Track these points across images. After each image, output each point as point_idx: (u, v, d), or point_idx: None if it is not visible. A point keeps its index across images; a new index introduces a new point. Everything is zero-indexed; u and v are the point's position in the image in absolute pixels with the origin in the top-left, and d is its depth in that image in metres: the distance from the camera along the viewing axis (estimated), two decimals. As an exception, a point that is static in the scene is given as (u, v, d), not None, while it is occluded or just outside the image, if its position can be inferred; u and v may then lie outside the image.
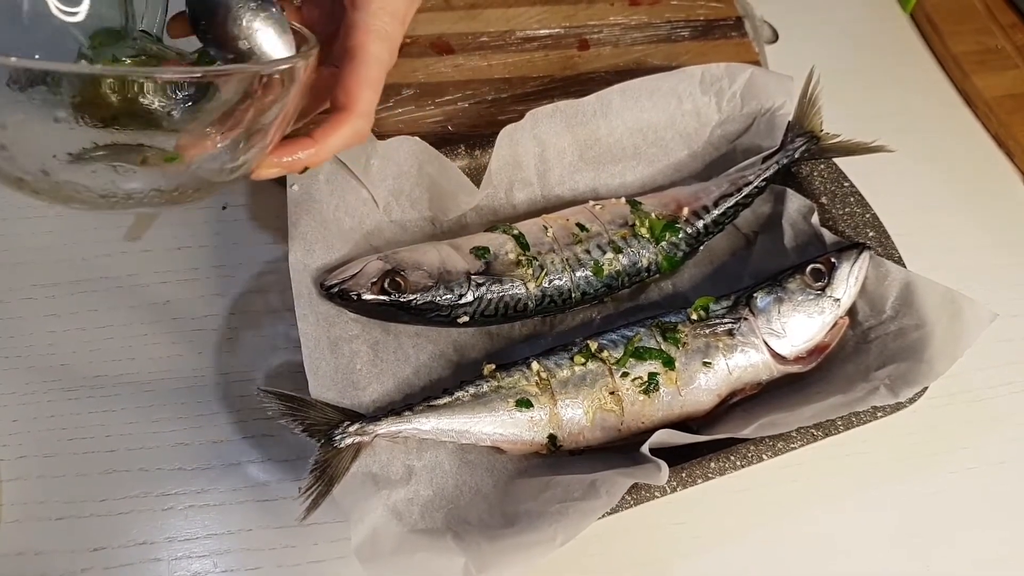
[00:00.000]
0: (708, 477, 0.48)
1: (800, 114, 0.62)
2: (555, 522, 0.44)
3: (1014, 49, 0.83)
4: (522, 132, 0.61)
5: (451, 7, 0.78)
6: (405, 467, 0.50)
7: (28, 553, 0.51)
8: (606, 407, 0.51)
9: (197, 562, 0.51)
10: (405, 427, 0.49)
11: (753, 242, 0.63)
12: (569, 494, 0.46)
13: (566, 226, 0.58)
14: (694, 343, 0.53)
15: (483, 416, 0.50)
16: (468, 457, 0.52)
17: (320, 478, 0.46)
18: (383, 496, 0.47)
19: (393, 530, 0.46)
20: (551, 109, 0.61)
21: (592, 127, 0.63)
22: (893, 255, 0.58)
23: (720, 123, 0.65)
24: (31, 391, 0.56)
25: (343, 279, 0.53)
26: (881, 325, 0.54)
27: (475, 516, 0.48)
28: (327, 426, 0.48)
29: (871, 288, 0.55)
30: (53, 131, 0.32)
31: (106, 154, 0.34)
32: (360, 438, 0.48)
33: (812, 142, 0.61)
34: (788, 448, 0.50)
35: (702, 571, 0.54)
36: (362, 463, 0.49)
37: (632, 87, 0.63)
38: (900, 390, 0.49)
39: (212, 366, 0.58)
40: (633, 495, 0.47)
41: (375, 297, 0.53)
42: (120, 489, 0.53)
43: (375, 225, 0.59)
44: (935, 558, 0.55)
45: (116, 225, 0.63)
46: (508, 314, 0.56)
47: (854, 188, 0.61)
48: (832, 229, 0.59)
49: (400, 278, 0.53)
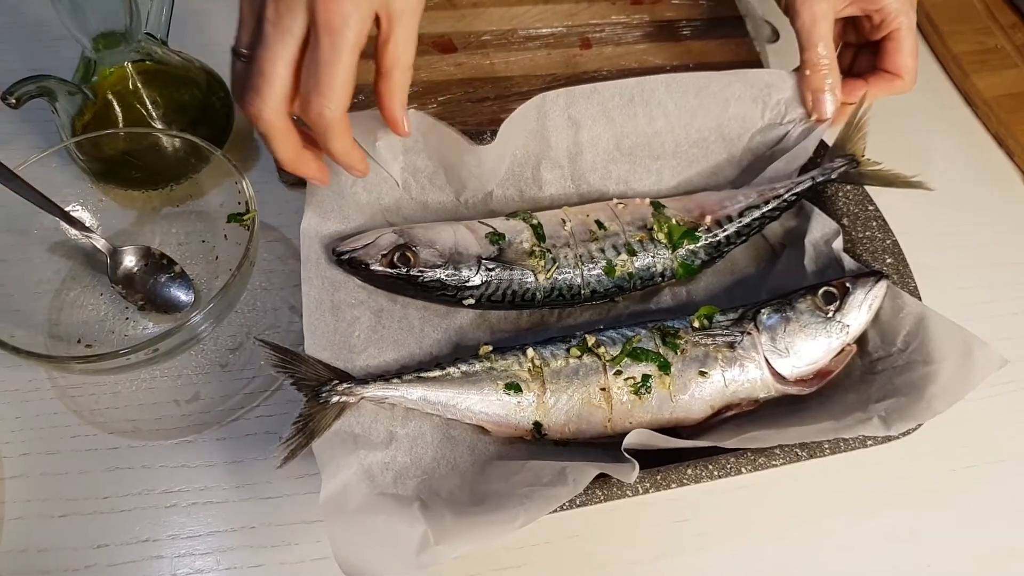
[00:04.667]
0: (683, 483, 0.48)
1: (844, 135, 0.60)
2: (519, 504, 0.45)
3: (1014, 49, 0.83)
4: (553, 107, 0.59)
5: (454, 6, 0.78)
6: (387, 432, 0.50)
7: (31, 550, 0.51)
8: (595, 403, 0.51)
9: (200, 559, 0.51)
10: (392, 394, 0.50)
11: (780, 255, 0.62)
12: (539, 479, 0.47)
13: (585, 222, 0.58)
14: (693, 351, 0.52)
15: (471, 394, 0.51)
16: (452, 433, 0.52)
17: (302, 430, 0.47)
18: (360, 456, 0.48)
19: (363, 490, 0.46)
20: (589, 89, 0.59)
21: (630, 113, 0.61)
22: (909, 284, 0.56)
23: (761, 130, 0.63)
24: (34, 388, 0.56)
25: (355, 247, 0.53)
26: (890, 358, 0.52)
27: (446, 490, 0.49)
28: (316, 382, 0.49)
29: (885, 319, 0.53)
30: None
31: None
32: (346, 398, 0.49)
33: (851, 165, 0.60)
34: (769, 464, 0.49)
35: (705, 567, 0.54)
36: (345, 422, 0.49)
37: (678, 80, 0.61)
38: (893, 424, 0.47)
39: (215, 363, 0.58)
40: (604, 491, 0.47)
41: (383, 269, 0.53)
42: (123, 486, 0.53)
43: (393, 202, 0.59)
44: (936, 555, 0.55)
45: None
46: (515, 302, 0.56)
47: (878, 212, 0.59)
48: (850, 252, 0.58)
49: (410, 253, 0.54)
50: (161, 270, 0.59)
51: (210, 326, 0.52)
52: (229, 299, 0.52)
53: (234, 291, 0.52)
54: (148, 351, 0.49)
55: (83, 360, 0.47)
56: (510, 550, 0.53)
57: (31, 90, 0.53)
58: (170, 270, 0.59)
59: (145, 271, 0.58)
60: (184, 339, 0.51)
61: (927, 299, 0.55)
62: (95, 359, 0.47)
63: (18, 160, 0.54)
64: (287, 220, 0.64)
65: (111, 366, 0.49)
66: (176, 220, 0.62)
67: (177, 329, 0.49)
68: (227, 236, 0.60)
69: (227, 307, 0.54)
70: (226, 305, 0.53)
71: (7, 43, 0.75)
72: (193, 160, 0.60)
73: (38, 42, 0.75)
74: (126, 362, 0.49)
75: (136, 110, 0.61)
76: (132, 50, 0.59)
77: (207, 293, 0.59)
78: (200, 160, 0.60)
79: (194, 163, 0.60)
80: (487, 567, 0.52)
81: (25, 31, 0.75)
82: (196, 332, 0.52)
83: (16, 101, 0.52)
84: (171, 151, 0.59)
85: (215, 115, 0.65)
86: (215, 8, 0.76)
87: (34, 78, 0.54)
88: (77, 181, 0.59)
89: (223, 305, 0.52)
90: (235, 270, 0.51)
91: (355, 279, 0.55)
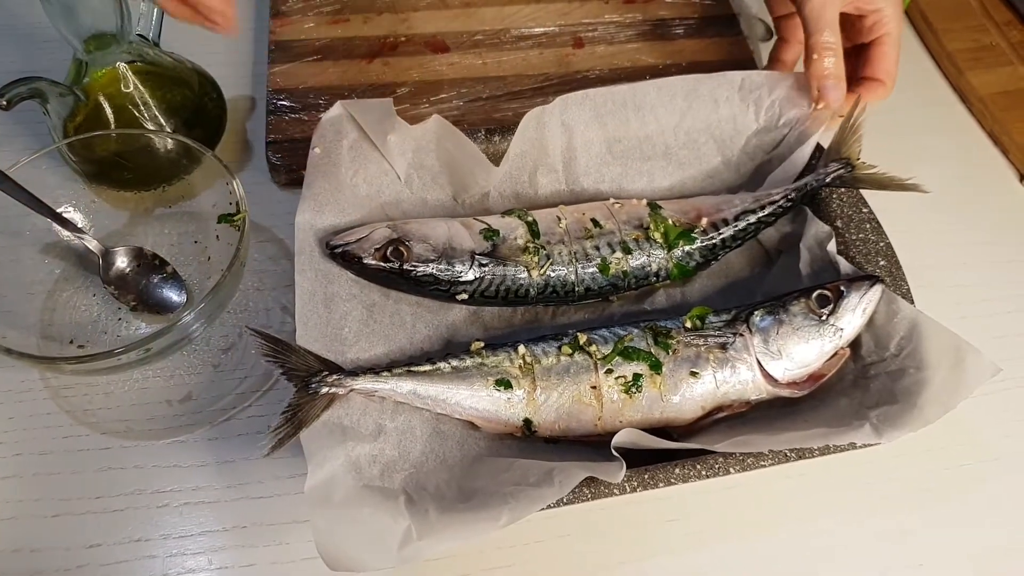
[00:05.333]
0: (670, 482, 0.48)
1: (839, 139, 0.60)
2: (504, 503, 0.45)
3: (1008, 46, 0.83)
4: (550, 116, 0.60)
5: (446, 5, 0.78)
6: (376, 425, 0.51)
7: (24, 550, 0.51)
8: (585, 401, 0.51)
9: (192, 559, 0.52)
10: (382, 387, 0.50)
11: (775, 260, 0.62)
12: (525, 478, 0.47)
13: (580, 220, 0.58)
14: (685, 351, 0.52)
15: (461, 389, 0.51)
16: (441, 428, 0.52)
17: (290, 420, 0.47)
18: (348, 447, 0.48)
19: (348, 482, 0.47)
20: (581, 96, 0.61)
21: (622, 118, 0.62)
22: (902, 287, 0.56)
23: (757, 132, 0.64)
24: (26, 388, 0.56)
25: (348, 241, 0.54)
26: (883, 362, 0.52)
27: (433, 485, 0.49)
28: (306, 373, 0.49)
29: (879, 324, 0.53)
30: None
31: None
32: (336, 389, 0.49)
33: (846, 169, 0.59)
34: (757, 465, 0.49)
35: (696, 567, 0.54)
36: (334, 413, 0.49)
37: (669, 84, 0.62)
38: (885, 431, 0.47)
39: (207, 363, 0.58)
40: (591, 489, 0.47)
41: (376, 263, 0.54)
42: (115, 486, 0.53)
43: (394, 196, 0.59)
44: (929, 554, 0.55)
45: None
46: (508, 298, 0.56)
47: (872, 215, 0.59)
48: (844, 254, 0.57)
49: (404, 247, 0.54)
50: (153, 271, 0.59)
51: (202, 326, 0.52)
52: (221, 299, 0.52)
53: (225, 291, 0.52)
54: (140, 351, 0.49)
55: (75, 360, 0.48)
56: (501, 549, 0.53)
57: (22, 92, 0.53)
58: (162, 271, 0.59)
59: (137, 272, 0.59)
60: (176, 339, 0.51)
61: (920, 298, 0.55)
62: (87, 359, 0.48)
63: (9, 162, 0.54)
64: (279, 221, 0.65)
65: (103, 366, 0.49)
66: (168, 221, 0.62)
67: (169, 329, 0.49)
68: (219, 237, 0.60)
69: (219, 307, 0.54)
70: (217, 305, 0.53)
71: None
72: (185, 161, 0.60)
73: (30, 44, 0.75)
74: (118, 362, 0.49)
75: (128, 111, 0.61)
76: (124, 51, 0.60)
77: (199, 293, 0.59)
78: (192, 161, 0.60)
79: (186, 164, 0.60)
80: (478, 566, 0.52)
81: (17, 33, 0.76)
82: (188, 332, 0.52)
83: (7, 103, 0.53)
84: (163, 152, 0.60)
85: (207, 116, 0.66)
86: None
87: (25, 80, 0.54)
88: (69, 182, 0.59)
89: (215, 305, 0.52)
90: (226, 270, 0.51)
91: (348, 273, 0.55)
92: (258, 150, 0.70)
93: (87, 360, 0.48)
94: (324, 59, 0.72)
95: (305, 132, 0.66)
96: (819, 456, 0.50)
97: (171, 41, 0.65)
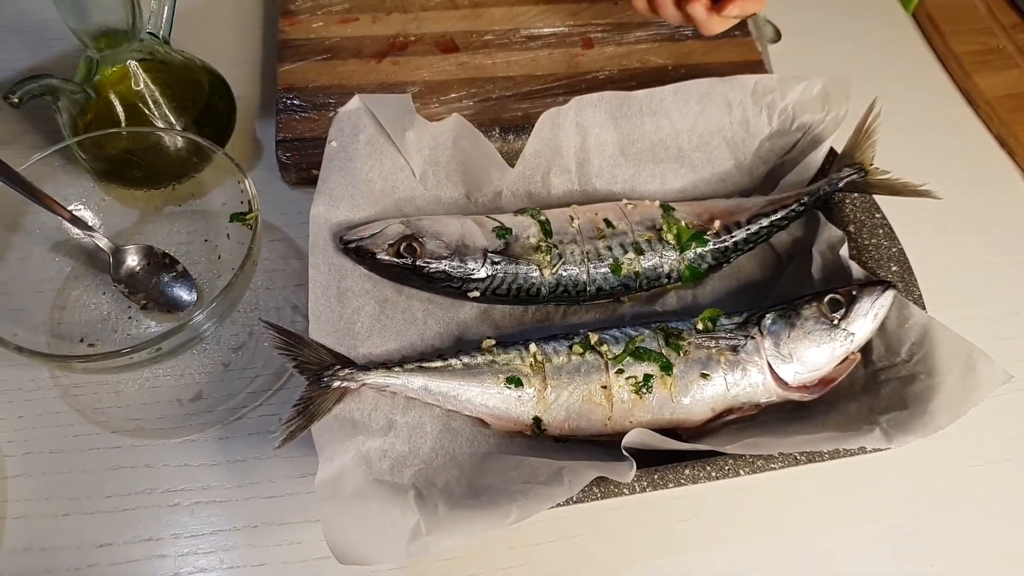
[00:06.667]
0: (680, 483, 0.48)
1: (852, 144, 0.60)
2: (513, 501, 0.45)
3: (1015, 49, 0.83)
4: (565, 117, 0.61)
5: (456, 6, 0.78)
6: (387, 420, 0.51)
7: (34, 549, 0.51)
8: (595, 400, 0.51)
9: (203, 558, 0.51)
10: (394, 382, 0.50)
11: (787, 265, 0.62)
12: (535, 476, 0.47)
13: (593, 220, 0.58)
14: (696, 353, 0.52)
15: (471, 386, 0.51)
16: (452, 424, 0.52)
17: (302, 413, 0.47)
18: (358, 441, 0.48)
19: (359, 475, 0.47)
20: (596, 98, 0.61)
21: (637, 122, 0.62)
22: (913, 292, 0.56)
23: (770, 136, 0.64)
24: (36, 386, 0.56)
25: (362, 236, 0.54)
26: (893, 368, 0.52)
27: (442, 481, 0.49)
28: (318, 366, 0.49)
29: (891, 329, 0.53)
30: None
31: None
32: (347, 383, 0.49)
33: (859, 174, 0.59)
34: (768, 467, 0.49)
35: (707, 567, 0.54)
36: (345, 407, 0.49)
37: (684, 88, 0.62)
38: (895, 437, 0.47)
39: (218, 362, 0.58)
40: (601, 488, 0.47)
41: (389, 259, 0.54)
42: (125, 485, 0.53)
43: (408, 193, 0.60)
44: (940, 555, 0.55)
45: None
46: (520, 296, 0.56)
47: (885, 220, 0.59)
48: (856, 259, 0.57)
49: (417, 244, 0.54)
50: (163, 269, 0.59)
51: (213, 325, 0.52)
52: (231, 298, 0.52)
53: (236, 290, 0.52)
54: (151, 350, 0.49)
55: (86, 359, 0.48)
56: (513, 548, 0.53)
57: (33, 89, 0.53)
58: (172, 269, 0.59)
59: (147, 270, 0.59)
60: (187, 338, 0.51)
61: (927, 299, 0.55)
62: (98, 358, 0.48)
63: (20, 159, 0.54)
64: (290, 219, 0.65)
65: (114, 365, 0.49)
66: (178, 219, 0.62)
67: (180, 328, 0.49)
68: (230, 235, 0.60)
69: (230, 306, 0.54)
70: (228, 304, 0.53)
71: (10, 42, 0.75)
72: (195, 159, 0.60)
73: (41, 41, 0.75)
74: (129, 361, 0.49)
75: (138, 109, 0.61)
76: (134, 49, 0.59)
77: (210, 292, 0.59)
78: (202, 159, 0.60)
79: (196, 162, 0.60)
80: (489, 566, 0.52)
81: (28, 30, 0.76)
82: (199, 331, 0.52)
83: (18, 100, 0.53)
84: (173, 150, 0.59)
85: (217, 114, 0.65)
86: (217, 7, 0.76)
87: (36, 77, 0.54)
88: (79, 180, 0.59)
89: (226, 304, 0.52)
90: (238, 269, 0.51)
91: (361, 268, 0.55)
92: (267, 149, 0.70)
93: (98, 359, 0.47)
94: (333, 58, 0.72)
95: (315, 131, 0.66)
96: (829, 460, 0.50)
97: (181, 39, 0.65)
